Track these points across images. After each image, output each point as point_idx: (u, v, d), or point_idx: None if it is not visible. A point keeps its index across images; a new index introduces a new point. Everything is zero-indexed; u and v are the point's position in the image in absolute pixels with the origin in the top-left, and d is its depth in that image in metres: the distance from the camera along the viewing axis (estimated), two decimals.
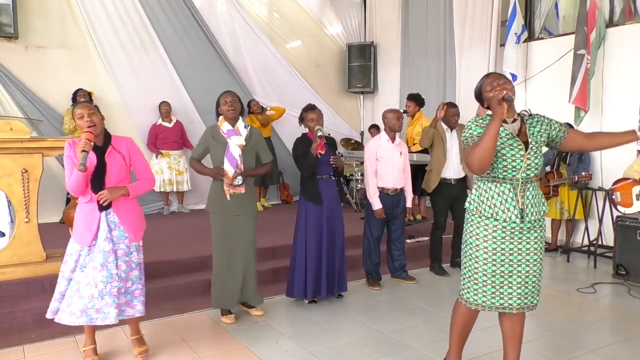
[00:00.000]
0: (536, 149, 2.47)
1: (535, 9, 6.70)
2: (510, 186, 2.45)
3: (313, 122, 3.99)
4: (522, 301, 2.52)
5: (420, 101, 6.49)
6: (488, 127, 2.34)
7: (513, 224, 2.45)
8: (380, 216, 4.49)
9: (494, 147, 2.35)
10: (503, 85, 2.41)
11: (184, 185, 7.08)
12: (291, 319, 3.88)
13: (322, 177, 4.08)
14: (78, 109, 2.93)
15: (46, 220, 5.95)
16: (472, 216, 2.55)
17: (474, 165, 2.41)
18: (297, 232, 4.12)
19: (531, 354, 3.21)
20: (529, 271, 2.50)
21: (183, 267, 4.47)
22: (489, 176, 2.51)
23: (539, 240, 2.52)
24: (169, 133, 6.98)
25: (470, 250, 2.55)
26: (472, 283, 2.55)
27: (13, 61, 6.22)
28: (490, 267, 2.48)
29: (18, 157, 3.77)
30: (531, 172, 2.46)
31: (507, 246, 2.47)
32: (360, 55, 8.70)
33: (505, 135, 2.45)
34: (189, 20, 7.34)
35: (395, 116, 4.54)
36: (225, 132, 3.65)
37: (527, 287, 2.51)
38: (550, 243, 6.04)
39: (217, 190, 3.70)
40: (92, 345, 3.10)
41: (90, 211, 2.93)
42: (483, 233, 2.49)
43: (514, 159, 2.43)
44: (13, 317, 3.56)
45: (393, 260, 4.76)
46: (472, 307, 2.56)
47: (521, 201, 2.45)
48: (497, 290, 2.50)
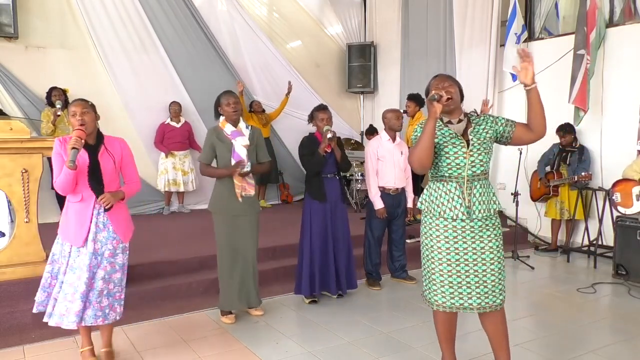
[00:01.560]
0: (479, 145, 2.49)
1: (535, 9, 6.70)
2: (456, 184, 2.50)
3: (323, 122, 4.02)
4: (482, 300, 2.51)
5: (420, 101, 6.48)
6: (424, 127, 2.43)
7: (462, 223, 2.49)
8: (382, 216, 4.49)
9: (430, 145, 2.41)
10: (447, 88, 2.47)
11: (189, 186, 7.08)
12: (291, 319, 3.88)
13: (327, 176, 4.12)
14: (72, 107, 2.89)
15: (46, 220, 5.94)
16: (425, 217, 2.60)
17: (414, 163, 2.49)
18: (303, 230, 4.15)
19: (531, 354, 3.21)
20: (486, 270, 2.50)
21: (183, 267, 4.47)
22: (437, 175, 2.57)
23: (493, 239, 2.52)
24: (176, 133, 6.99)
25: (426, 251, 2.60)
26: (431, 284, 2.58)
27: (13, 61, 6.21)
28: (446, 267, 2.51)
29: (18, 157, 3.77)
30: (477, 169, 2.50)
31: (460, 245, 2.49)
32: (360, 55, 8.69)
33: (449, 135, 2.51)
34: (189, 20, 7.34)
35: (395, 116, 4.54)
36: (230, 133, 3.66)
37: (486, 286, 2.51)
38: (550, 243, 6.05)
39: (222, 190, 3.70)
40: (89, 346, 3.09)
41: (81, 210, 2.89)
42: (435, 233, 2.53)
43: (457, 156, 2.49)
44: (13, 317, 3.56)
45: (393, 260, 4.76)
46: (434, 307, 2.59)
47: (467, 199, 2.48)
48: (456, 291, 2.52)
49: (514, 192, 5.58)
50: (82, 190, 2.89)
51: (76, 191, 2.89)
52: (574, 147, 5.73)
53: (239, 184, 3.65)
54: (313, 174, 4.10)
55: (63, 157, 2.84)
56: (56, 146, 2.88)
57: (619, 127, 5.61)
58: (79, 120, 2.85)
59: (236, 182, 3.65)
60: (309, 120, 4.20)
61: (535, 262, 5.47)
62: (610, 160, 5.64)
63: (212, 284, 4.26)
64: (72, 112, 2.87)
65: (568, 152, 5.74)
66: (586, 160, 5.68)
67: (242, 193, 3.65)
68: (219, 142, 3.67)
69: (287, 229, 5.73)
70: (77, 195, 2.90)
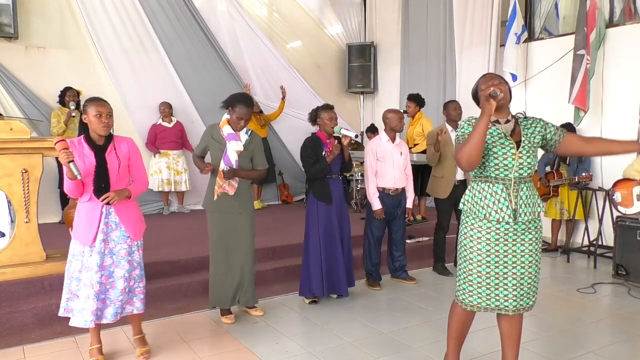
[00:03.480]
0: (528, 148, 2.46)
1: (535, 9, 6.70)
2: (503, 186, 2.45)
3: (332, 121, 4.01)
4: (517, 303, 2.50)
5: (420, 101, 6.49)
6: (476, 124, 2.37)
7: (506, 225, 2.45)
8: (380, 217, 4.49)
9: (481, 143, 2.36)
10: (497, 86, 2.42)
11: (182, 186, 7.07)
12: (291, 319, 3.88)
13: (332, 177, 4.10)
14: (99, 106, 2.85)
15: (46, 220, 5.95)
16: (467, 217, 2.56)
17: (462, 161, 2.42)
18: (309, 231, 4.12)
19: (531, 354, 3.21)
20: (524, 273, 2.48)
21: (183, 267, 4.47)
22: (482, 176, 2.52)
23: (534, 242, 2.50)
24: (168, 133, 6.98)
25: (464, 251, 2.55)
26: (467, 284, 2.55)
27: (13, 61, 6.22)
28: (485, 269, 2.48)
29: (18, 157, 3.77)
30: (524, 172, 2.46)
31: (501, 248, 2.46)
32: (360, 56, 8.69)
33: (497, 135, 2.46)
34: (189, 20, 7.35)
35: (398, 117, 4.54)
36: (226, 135, 3.64)
37: (523, 288, 2.50)
38: (550, 243, 6.05)
39: (212, 187, 3.70)
40: (98, 344, 3.10)
41: (90, 210, 2.92)
42: (477, 235, 2.49)
43: (506, 157, 2.43)
44: (13, 317, 3.56)
45: (393, 260, 4.76)
46: (468, 308, 2.56)
47: (514, 201, 2.44)
48: (492, 292, 2.49)
49: None
50: (90, 190, 2.91)
51: (85, 191, 2.91)
52: None
53: (220, 182, 3.61)
54: (314, 178, 4.08)
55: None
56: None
57: (619, 127, 5.61)
58: (104, 123, 2.85)
59: (217, 181, 3.62)
60: (311, 119, 4.15)
61: None
62: (610, 160, 5.64)
63: None
64: (98, 112, 2.84)
65: (566, 156, 5.73)
66: (586, 160, 5.68)
67: (219, 191, 3.62)
68: (213, 142, 3.67)
69: (287, 229, 5.73)
70: (85, 195, 2.92)
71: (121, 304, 2.97)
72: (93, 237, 2.89)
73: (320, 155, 3.99)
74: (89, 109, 2.86)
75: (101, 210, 2.92)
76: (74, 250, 2.96)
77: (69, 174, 2.75)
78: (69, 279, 2.96)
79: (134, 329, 3.23)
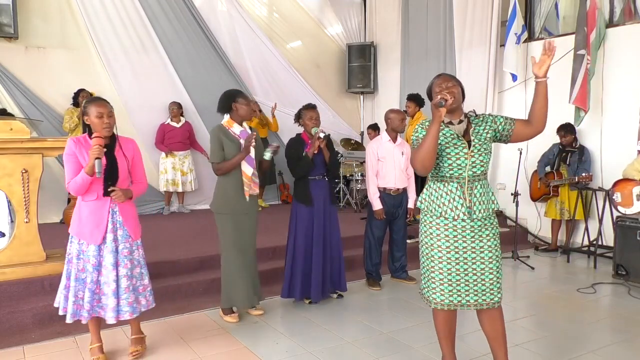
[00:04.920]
0: (480, 146, 2.51)
1: (535, 9, 6.70)
2: (457, 184, 2.51)
3: (312, 121, 3.98)
4: (479, 298, 2.54)
5: (420, 101, 6.49)
6: (428, 130, 2.43)
7: (463, 222, 2.50)
8: (380, 217, 4.49)
9: (434, 148, 2.42)
10: (450, 89, 2.48)
11: (187, 186, 7.08)
12: (291, 319, 3.88)
13: (315, 178, 4.03)
14: (98, 107, 2.86)
15: (46, 220, 5.96)
16: (425, 216, 2.61)
17: (417, 165, 2.49)
18: (288, 233, 4.11)
19: (531, 354, 3.21)
20: (484, 268, 2.53)
21: (183, 267, 4.47)
22: (437, 176, 2.58)
23: (492, 238, 2.55)
24: (176, 133, 6.99)
25: (426, 249, 2.60)
26: (430, 282, 2.59)
27: (13, 61, 6.22)
28: (446, 266, 2.53)
29: (18, 157, 3.77)
30: (477, 170, 2.51)
31: (460, 244, 2.51)
32: (360, 56, 8.70)
33: (450, 135, 2.52)
34: (189, 20, 7.35)
35: (399, 117, 4.54)
36: (238, 133, 3.67)
37: (484, 284, 2.53)
38: (550, 243, 6.05)
39: (227, 189, 3.68)
40: (99, 343, 3.11)
41: (97, 209, 2.91)
42: (436, 232, 2.54)
43: (458, 157, 2.50)
44: (13, 317, 3.56)
45: (394, 260, 4.76)
46: (432, 305, 2.60)
47: (468, 199, 2.50)
48: (454, 288, 2.53)
49: (514, 192, 5.58)
50: (98, 189, 2.90)
51: (91, 190, 2.89)
52: (574, 147, 5.73)
53: (248, 182, 3.65)
54: (299, 177, 4.04)
55: (78, 158, 2.86)
56: (70, 146, 2.88)
57: (619, 127, 5.61)
58: (106, 123, 2.86)
59: (245, 181, 3.65)
60: (295, 119, 4.14)
61: (535, 262, 5.47)
62: (610, 160, 5.65)
63: (212, 284, 4.26)
64: (99, 113, 2.85)
65: (568, 152, 5.74)
66: (586, 160, 5.68)
67: (250, 192, 3.67)
68: (228, 142, 3.64)
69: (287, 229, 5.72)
70: (92, 193, 2.91)
71: (126, 301, 2.98)
72: (102, 235, 2.90)
73: (302, 154, 3.96)
74: (90, 110, 2.87)
75: (108, 209, 2.93)
76: (77, 251, 2.94)
77: (89, 170, 2.77)
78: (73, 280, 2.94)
79: (132, 328, 3.24)
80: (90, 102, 2.92)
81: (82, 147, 2.88)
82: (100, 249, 2.92)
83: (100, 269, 2.93)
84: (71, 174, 2.86)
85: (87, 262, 2.92)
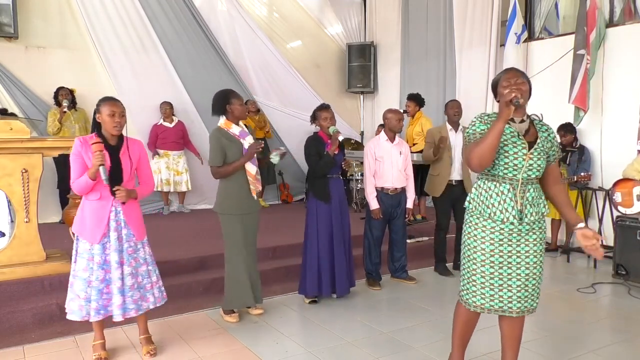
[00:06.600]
0: (540, 150, 2.41)
1: (535, 9, 6.70)
2: (510, 186, 2.41)
3: (327, 121, 4.02)
4: (522, 304, 2.48)
5: (420, 101, 6.49)
6: (492, 126, 2.31)
7: (511, 226, 2.41)
8: (377, 216, 4.49)
9: (496, 145, 2.31)
10: (519, 86, 2.37)
11: (182, 186, 7.07)
12: (291, 319, 3.88)
13: (332, 177, 4.12)
14: (112, 106, 2.87)
15: (46, 220, 5.96)
16: (471, 217, 2.52)
17: (474, 162, 2.37)
18: (308, 230, 4.14)
19: (531, 354, 3.21)
20: (529, 274, 2.45)
21: (183, 267, 4.46)
22: (489, 174, 2.47)
23: (538, 242, 2.47)
24: (169, 133, 6.98)
25: (468, 251, 2.52)
26: (470, 285, 2.52)
27: (13, 61, 6.22)
28: (489, 269, 2.45)
29: (18, 157, 3.77)
30: (532, 174, 2.41)
31: (505, 248, 2.43)
32: (360, 55, 8.69)
33: (510, 133, 2.41)
34: (189, 20, 7.35)
35: (397, 117, 4.53)
36: (238, 133, 3.66)
37: (527, 290, 2.47)
38: (550, 243, 6.05)
39: (232, 189, 3.66)
40: (101, 340, 3.13)
41: (99, 209, 2.93)
42: (481, 234, 2.45)
43: (516, 157, 2.38)
44: (13, 317, 3.56)
45: (394, 260, 4.76)
46: (471, 308, 2.54)
47: (520, 202, 2.40)
48: (496, 293, 2.46)
49: None
50: (101, 189, 2.92)
51: (94, 189, 2.91)
52: (574, 147, 5.73)
53: (253, 181, 3.67)
54: (320, 175, 4.08)
55: (83, 159, 2.88)
56: (76, 146, 2.89)
57: (619, 127, 5.61)
58: (117, 122, 2.87)
59: (250, 180, 3.66)
60: (311, 120, 4.18)
61: None
62: (610, 160, 5.64)
63: (212, 284, 4.27)
64: (111, 111, 2.86)
65: (568, 152, 5.74)
66: (586, 160, 5.68)
67: (255, 190, 3.69)
68: (229, 143, 3.62)
69: (287, 229, 5.73)
70: (95, 193, 2.92)
71: (132, 299, 3.00)
72: (101, 234, 2.92)
73: (322, 153, 4.01)
74: (103, 108, 2.89)
75: (110, 208, 2.94)
76: (80, 249, 2.96)
77: (92, 175, 2.80)
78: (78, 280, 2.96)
79: (140, 328, 3.25)
80: (104, 100, 2.94)
81: (88, 148, 2.88)
82: (106, 247, 2.95)
83: (106, 267, 2.95)
84: (76, 174, 2.88)
85: (92, 260, 2.94)
